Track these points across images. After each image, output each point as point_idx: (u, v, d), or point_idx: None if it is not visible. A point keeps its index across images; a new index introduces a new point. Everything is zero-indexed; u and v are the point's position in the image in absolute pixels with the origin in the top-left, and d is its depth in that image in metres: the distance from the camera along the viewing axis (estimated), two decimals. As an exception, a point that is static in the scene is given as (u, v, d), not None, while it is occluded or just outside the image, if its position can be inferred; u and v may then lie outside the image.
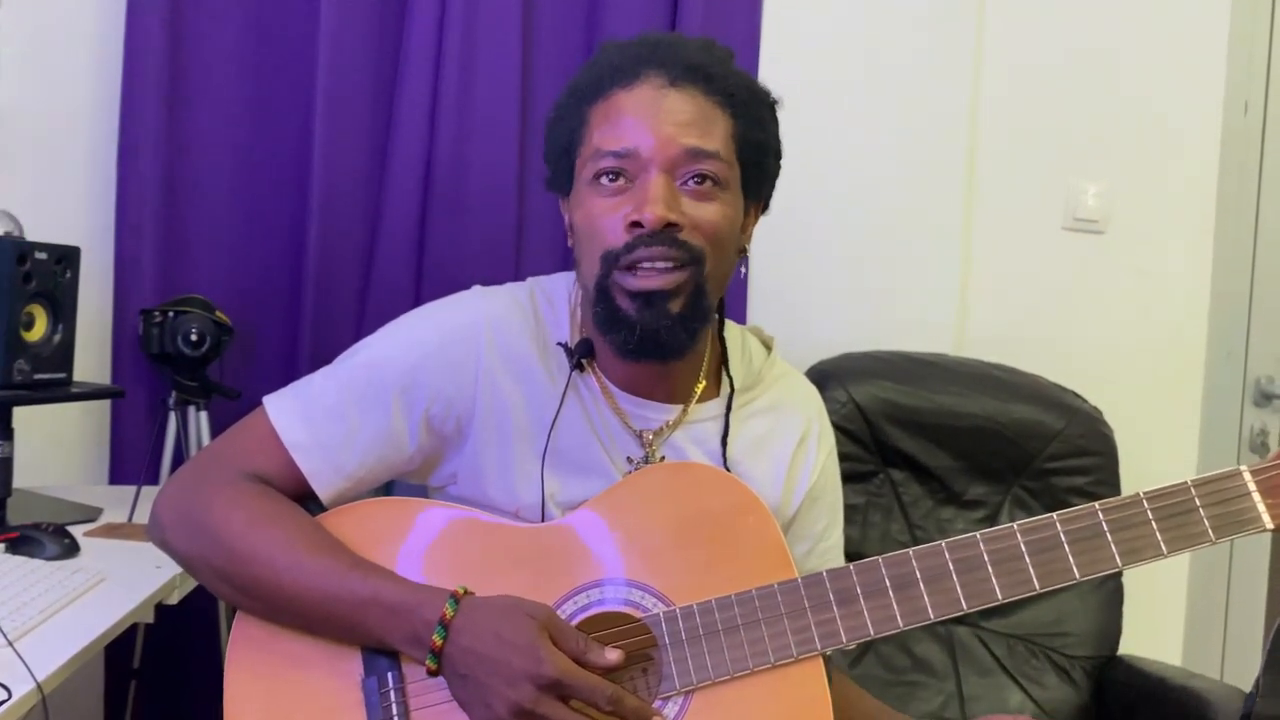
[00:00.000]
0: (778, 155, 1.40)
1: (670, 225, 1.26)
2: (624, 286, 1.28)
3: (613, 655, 1.19)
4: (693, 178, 1.29)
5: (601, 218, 1.29)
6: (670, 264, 1.27)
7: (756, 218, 1.43)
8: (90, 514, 1.90)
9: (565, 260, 2.33)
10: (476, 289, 1.44)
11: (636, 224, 1.26)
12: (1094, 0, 2.60)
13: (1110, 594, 2.26)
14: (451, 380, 1.34)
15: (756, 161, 1.36)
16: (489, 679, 1.16)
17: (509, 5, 2.28)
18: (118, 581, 1.57)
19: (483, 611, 1.19)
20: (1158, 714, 2.08)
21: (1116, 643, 2.27)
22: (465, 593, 1.21)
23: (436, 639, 1.18)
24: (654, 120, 1.28)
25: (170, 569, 1.60)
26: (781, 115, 1.40)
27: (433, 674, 1.21)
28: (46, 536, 1.66)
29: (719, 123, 1.31)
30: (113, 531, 1.82)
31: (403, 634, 1.22)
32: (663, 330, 1.28)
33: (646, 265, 1.27)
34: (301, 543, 1.27)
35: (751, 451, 1.42)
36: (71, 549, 1.66)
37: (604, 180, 1.29)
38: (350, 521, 1.32)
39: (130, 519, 1.88)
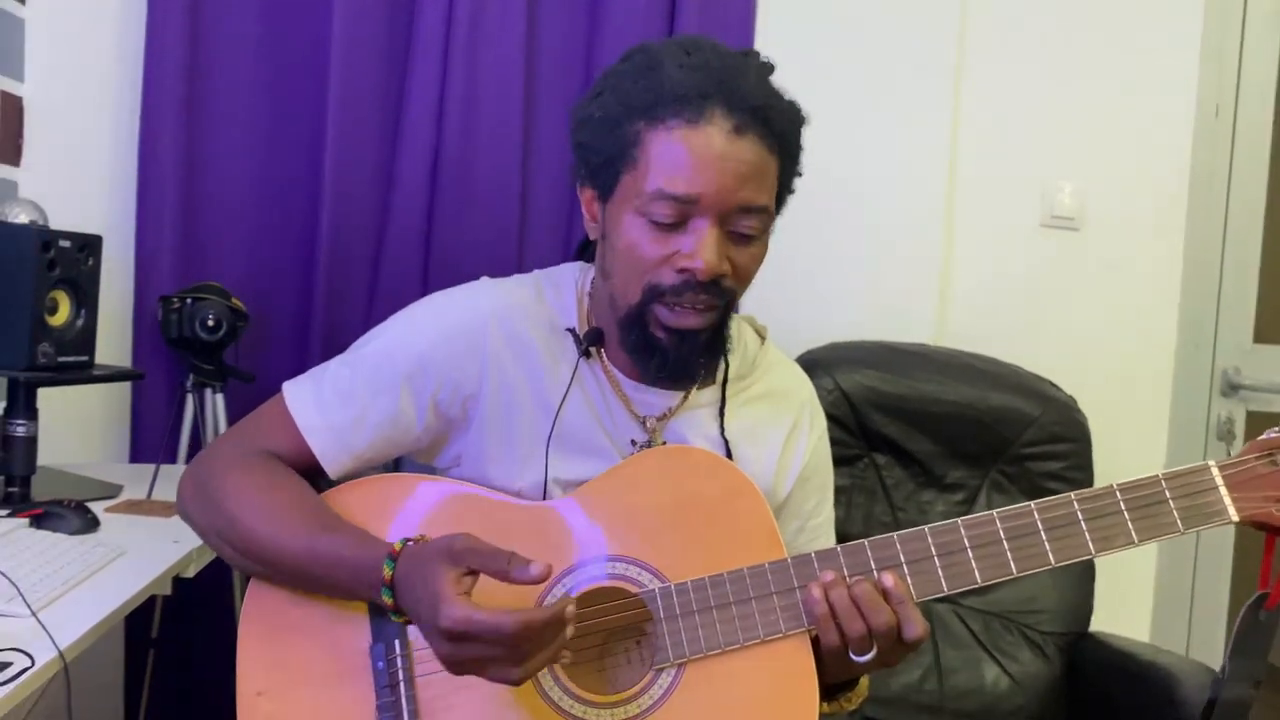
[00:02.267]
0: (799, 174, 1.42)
1: (718, 277, 1.29)
2: (662, 320, 1.30)
3: (536, 568, 1.13)
4: (741, 230, 1.30)
5: (649, 252, 1.29)
6: (706, 307, 1.30)
7: None
8: (111, 491, 1.93)
9: (566, 251, 2.37)
10: (484, 279, 1.46)
11: (687, 270, 1.28)
12: (1071, 7, 2.65)
13: (1082, 574, 2.30)
14: (458, 366, 1.37)
15: (787, 193, 1.39)
16: (425, 633, 1.18)
17: (514, 7, 2.32)
18: (137, 555, 1.59)
19: (408, 565, 1.20)
20: (1127, 687, 2.12)
21: (1088, 620, 2.31)
22: (404, 545, 1.22)
23: (387, 599, 1.21)
24: (718, 171, 1.26)
25: (187, 543, 1.64)
26: None
27: (409, 624, 1.24)
28: (69, 512, 1.69)
29: (771, 172, 1.31)
30: (132, 508, 1.85)
31: (370, 592, 1.24)
32: (691, 360, 1.34)
33: (688, 306, 1.30)
34: (284, 507, 1.30)
35: (747, 436, 1.45)
36: (93, 524, 1.70)
37: (658, 217, 1.28)
38: (357, 495, 1.36)
39: (149, 496, 1.91)
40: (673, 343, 1.32)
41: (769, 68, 1.35)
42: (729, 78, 1.28)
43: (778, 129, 1.30)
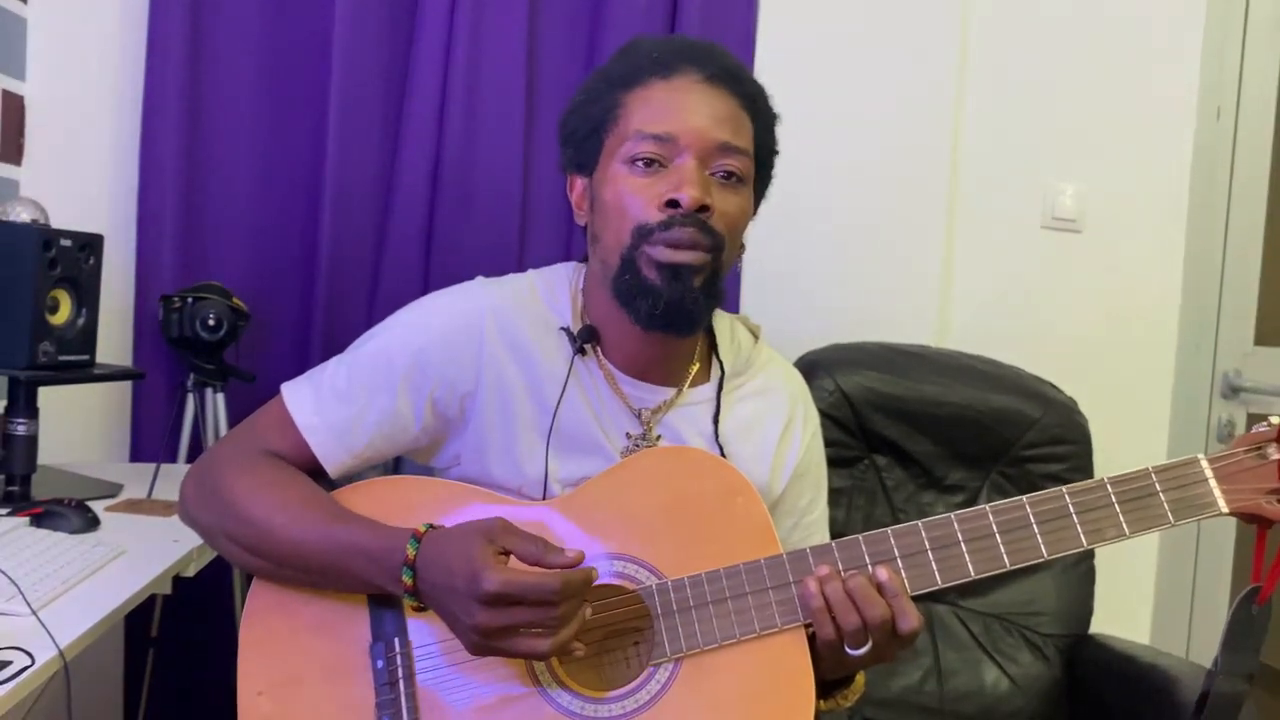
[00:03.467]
0: (774, 164, 1.47)
1: (703, 208, 1.32)
2: (653, 258, 1.32)
3: (571, 553, 1.18)
4: (722, 170, 1.35)
5: (636, 194, 1.33)
6: (697, 245, 1.32)
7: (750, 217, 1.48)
8: (111, 490, 1.94)
9: (567, 252, 2.38)
10: (480, 279, 1.48)
11: (672, 203, 1.31)
12: (1073, 9, 2.66)
13: (1082, 575, 2.29)
14: (455, 366, 1.39)
15: (765, 164, 1.44)
16: (452, 608, 1.19)
17: (515, 8, 2.33)
18: (137, 554, 1.60)
19: (438, 544, 1.22)
20: (1127, 690, 2.11)
21: (1088, 622, 2.30)
22: (428, 529, 1.24)
23: (406, 580, 1.22)
24: (692, 110, 1.34)
25: (187, 543, 1.64)
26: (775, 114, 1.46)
27: (420, 611, 1.25)
28: (69, 511, 1.70)
29: (745, 124, 1.38)
30: (133, 507, 1.85)
31: (385, 577, 1.25)
32: (686, 300, 1.33)
33: (676, 242, 1.32)
34: (296, 501, 1.32)
35: (741, 433, 1.46)
36: (93, 523, 1.71)
37: (639, 163, 1.34)
38: (360, 497, 1.37)
39: (150, 495, 1.91)
40: (665, 280, 1.33)
41: (741, 65, 1.43)
42: (700, 48, 1.39)
43: (749, 90, 1.39)
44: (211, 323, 2.15)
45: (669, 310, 1.34)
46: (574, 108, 1.45)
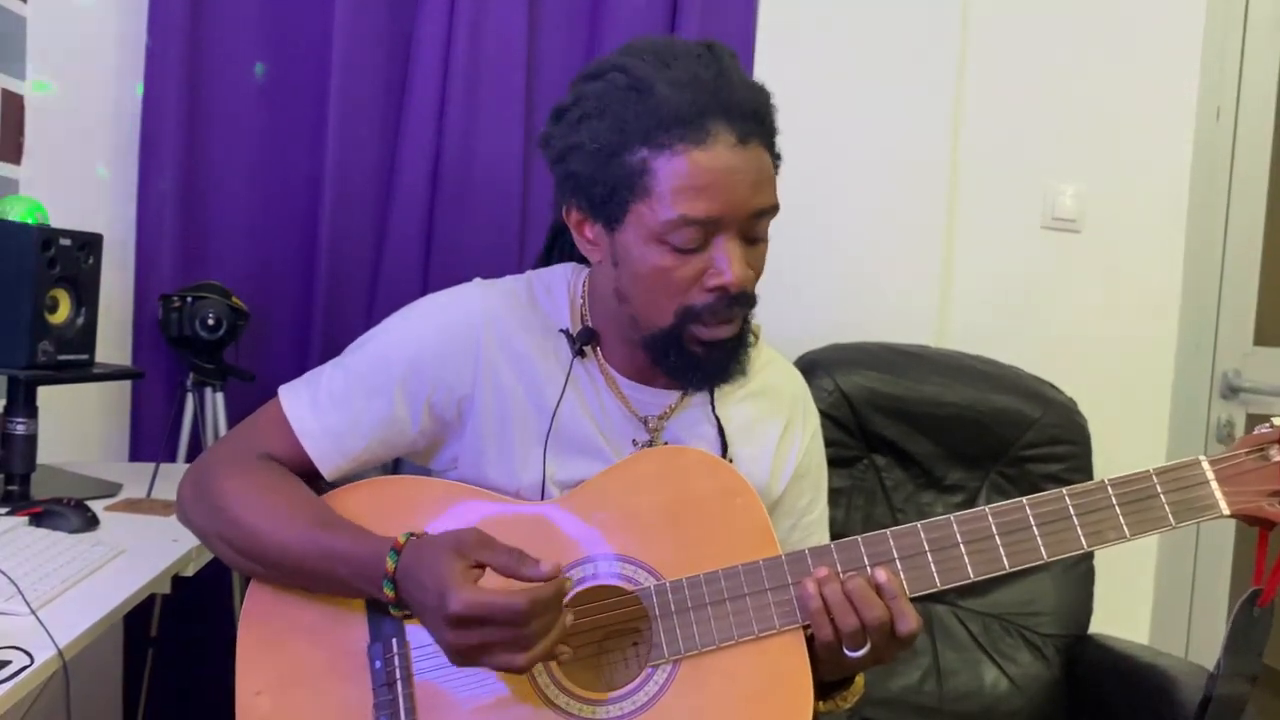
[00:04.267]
0: None
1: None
2: (698, 337, 1.32)
3: (546, 566, 1.17)
4: (757, 234, 1.32)
5: (676, 274, 1.29)
6: (737, 315, 1.34)
7: None
8: (110, 490, 1.94)
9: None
10: (476, 281, 1.47)
11: (719, 287, 1.29)
12: (1073, 9, 2.65)
13: (1081, 576, 2.29)
14: (452, 369, 1.38)
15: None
16: (429, 624, 1.20)
17: (515, 6, 2.33)
18: (136, 554, 1.60)
19: (415, 557, 1.21)
20: (1126, 690, 2.11)
21: (1087, 622, 2.30)
22: (409, 539, 1.23)
23: (388, 592, 1.22)
24: (733, 186, 1.27)
25: (186, 542, 1.64)
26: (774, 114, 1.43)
27: (409, 619, 1.26)
28: (68, 510, 1.69)
29: (770, 168, 1.32)
30: (132, 507, 1.85)
31: (370, 586, 1.25)
32: (728, 366, 1.37)
33: (723, 320, 1.32)
34: (285, 507, 1.32)
35: (742, 434, 1.46)
36: (92, 523, 1.71)
37: (682, 244, 1.28)
38: (357, 498, 1.37)
39: (149, 495, 1.91)
40: (709, 355, 1.34)
41: (736, 56, 1.35)
42: (721, 88, 1.28)
43: (769, 123, 1.33)
44: (211, 322, 2.15)
45: (712, 376, 1.38)
46: (578, 150, 1.32)
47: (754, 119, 1.29)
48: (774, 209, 1.32)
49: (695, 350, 1.33)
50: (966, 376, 2.34)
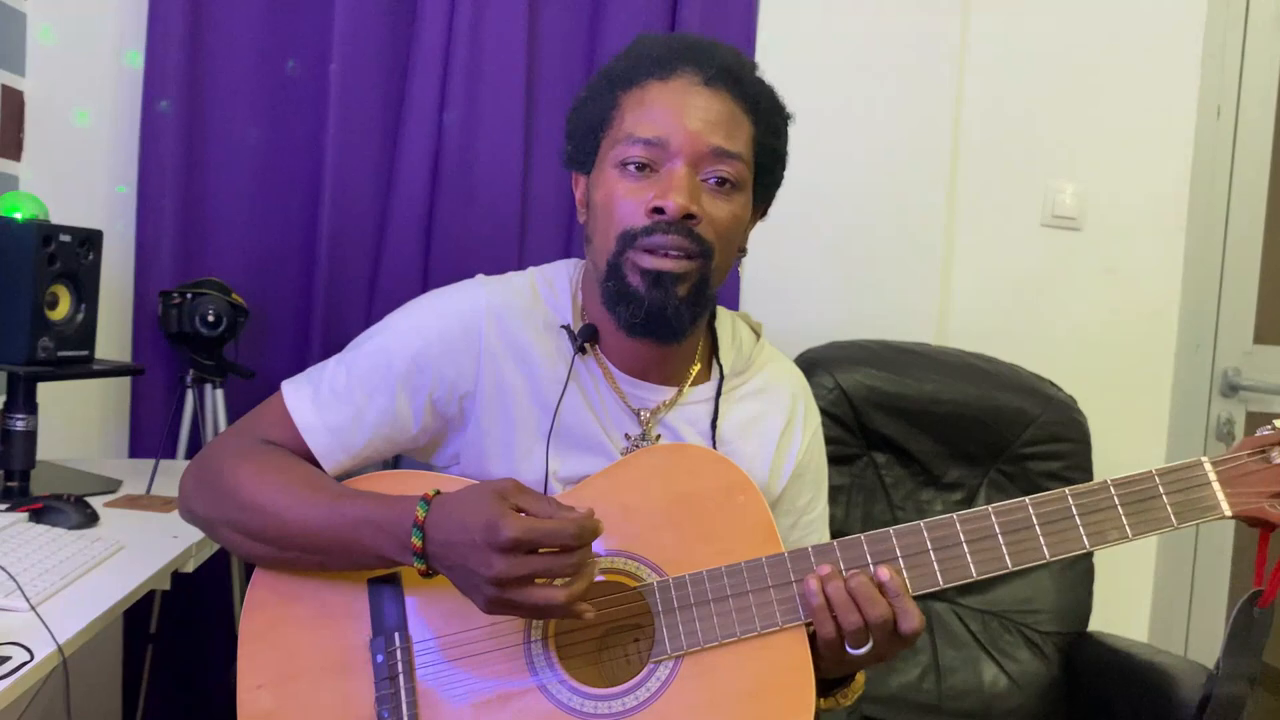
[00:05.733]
0: (785, 165, 1.45)
1: (689, 216, 1.30)
2: (637, 264, 1.31)
3: (582, 510, 1.18)
4: (714, 176, 1.33)
5: (624, 199, 1.33)
6: (682, 253, 1.31)
7: (756, 221, 1.47)
8: (110, 486, 1.94)
9: (567, 248, 2.38)
10: (479, 277, 1.47)
11: (658, 209, 1.30)
12: (1073, 8, 2.66)
13: (1081, 574, 2.30)
14: (454, 365, 1.38)
15: (769, 168, 1.42)
16: (466, 562, 1.18)
17: (515, 6, 2.33)
18: (136, 550, 1.60)
19: (450, 504, 1.21)
20: (1125, 687, 2.12)
21: (1086, 620, 2.31)
22: (437, 493, 1.23)
23: (415, 541, 1.20)
24: (685, 114, 1.32)
25: (187, 538, 1.65)
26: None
27: (425, 575, 1.23)
28: (68, 506, 1.69)
29: (743, 126, 1.35)
30: (132, 503, 1.85)
31: (394, 545, 1.24)
32: (668, 309, 1.32)
33: (661, 249, 1.31)
34: (299, 483, 1.31)
35: (742, 432, 1.46)
36: (92, 519, 1.70)
37: (630, 166, 1.33)
38: (362, 488, 1.35)
39: (149, 491, 1.91)
40: (648, 287, 1.32)
41: (751, 61, 1.41)
42: (701, 43, 1.37)
43: (750, 91, 1.36)
44: (211, 318, 2.15)
45: (650, 318, 1.34)
46: (576, 105, 1.43)
47: (725, 72, 1.34)
48: (734, 156, 1.34)
49: (632, 281, 1.33)
50: (966, 374, 2.35)
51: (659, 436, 1.43)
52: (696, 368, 1.46)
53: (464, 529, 1.18)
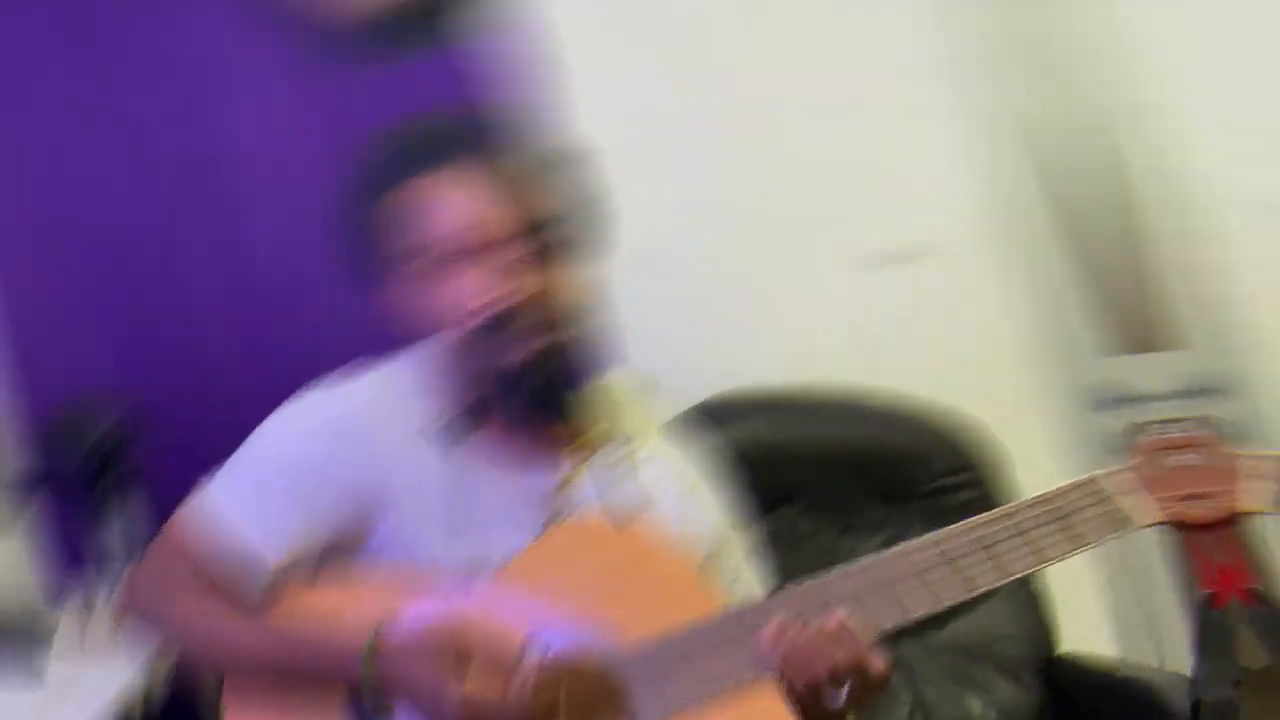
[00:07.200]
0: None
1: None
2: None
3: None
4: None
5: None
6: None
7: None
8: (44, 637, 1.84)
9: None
10: (348, 377, 1.47)
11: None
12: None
13: (1035, 595, 2.24)
14: (351, 466, 1.38)
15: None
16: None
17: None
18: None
19: (390, 664, 1.23)
20: (1113, 707, 2.09)
21: (1054, 641, 2.24)
22: (371, 643, 1.24)
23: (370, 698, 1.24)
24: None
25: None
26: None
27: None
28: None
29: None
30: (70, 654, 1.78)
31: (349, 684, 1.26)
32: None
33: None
34: (236, 633, 1.33)
35: (645, 498, 1.45)
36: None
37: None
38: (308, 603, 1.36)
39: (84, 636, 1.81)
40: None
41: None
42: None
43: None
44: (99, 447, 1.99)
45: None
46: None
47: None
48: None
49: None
50: (864, 413, 2.32)
51: (565, 511, 1.43)
52: (590, 436, 1.47)
53: (414, 689, 1.22)
